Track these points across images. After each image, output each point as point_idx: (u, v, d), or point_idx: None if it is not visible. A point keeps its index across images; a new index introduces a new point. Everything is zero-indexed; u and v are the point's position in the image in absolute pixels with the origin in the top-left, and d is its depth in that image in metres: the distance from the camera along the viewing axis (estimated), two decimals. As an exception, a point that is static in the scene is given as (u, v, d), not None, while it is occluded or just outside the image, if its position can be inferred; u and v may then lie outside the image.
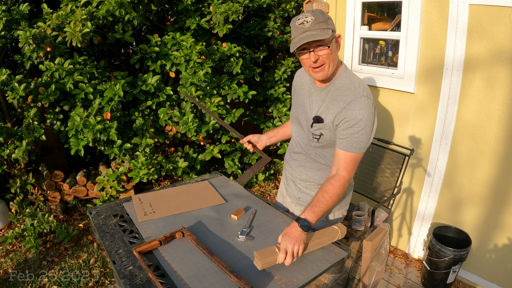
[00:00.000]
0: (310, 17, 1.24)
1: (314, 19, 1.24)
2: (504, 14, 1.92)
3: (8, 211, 2.97)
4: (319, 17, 1.24)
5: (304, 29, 1.24)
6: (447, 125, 2.28)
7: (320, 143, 1.42)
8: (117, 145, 2.61)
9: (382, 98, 2.66)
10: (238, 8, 2.78)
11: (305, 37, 1.23)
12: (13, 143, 2.55)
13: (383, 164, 2.50)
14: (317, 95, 1.41)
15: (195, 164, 2.98)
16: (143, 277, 1.12)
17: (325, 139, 1.41)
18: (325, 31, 1.23)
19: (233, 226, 1.41)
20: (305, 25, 1.24)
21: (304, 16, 1.25)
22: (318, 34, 1.22)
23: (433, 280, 2.30)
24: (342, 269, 1.26)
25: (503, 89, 2.00)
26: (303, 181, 1.55)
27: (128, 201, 1.61)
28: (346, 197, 1.61)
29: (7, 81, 2.37)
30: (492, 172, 2.15)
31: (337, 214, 1.60)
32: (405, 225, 2.72)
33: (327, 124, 1.37)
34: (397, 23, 2.49)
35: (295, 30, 1.27)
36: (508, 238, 2.15)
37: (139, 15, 2.59)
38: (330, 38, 1.25)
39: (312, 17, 1.24)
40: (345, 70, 1.39)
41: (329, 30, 1.24)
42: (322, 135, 1.40)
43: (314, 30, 1.23)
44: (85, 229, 2.99)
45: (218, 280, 1.11)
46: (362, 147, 1.34)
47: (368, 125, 1.32)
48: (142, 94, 2.74)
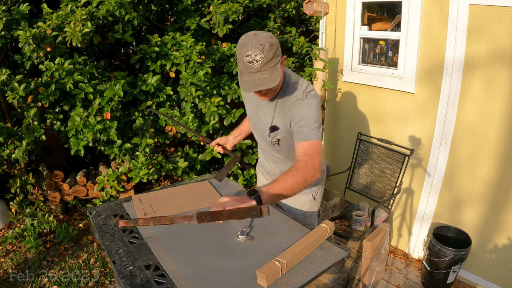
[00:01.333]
0: (259, 54, 1.22)
1: (264, 57, 1.22)
2: (504, 14, 1.92)
3: (8, 211, 2.97)
4: (268, 53, 1.23)
5: (253, 69, 1.24)
6: (447, 125, 2.28)
7: (281, 145, 1.54)
8: (117, 145, 2.61)
9: (382, 98, 2.66)
10: (238, 8, 2.78)
11: (255, 83, 1.24)
12: (13, 143, 2.55)
13: (383, 164, 2.50)
14: (267, 106, 1.48)
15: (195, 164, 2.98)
16: (143, 277, 1.12)
17: (284, 142, 1.52)
18: (274, 71, 1.25)
19: (233, 226, 1.41)
20: (255, 65, 1.23)
21: (253, 52, 1.22)
22: (268, 80, 1.24)
23: (433, 280, 2.30)
24: (342, 269, 1.26)
25: (503, 89, 2.01)
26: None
27: (128, 201, 1.61)
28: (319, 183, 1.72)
29: (7, 81, 2.37)
30: (492, 172, 2.15)
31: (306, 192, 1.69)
32: (405, 225, 2.72)
33: (281, 130, 1.47)
34: (397, 23, 2.49)
35: (243, 66, 1.25)
36: (508, 238, 2.15)
37: (139, 15, 2.58)
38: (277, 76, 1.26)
39: (261, 54, 1.22)
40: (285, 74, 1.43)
41: (278, 65, 1.26)
42: (280, 140, 1.51)
43: (264, 72, 1.24)
44: (85, 229, 2.99)
45: (218, 280, 1.11)
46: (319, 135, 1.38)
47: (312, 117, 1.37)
48: (142, 94, 2.74)
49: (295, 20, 3.69)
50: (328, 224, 1.36)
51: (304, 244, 1.24)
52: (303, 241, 1.26)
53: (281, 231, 1.39)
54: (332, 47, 2.93)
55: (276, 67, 1.26)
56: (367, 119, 2.81)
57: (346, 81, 2.89)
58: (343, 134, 3.06)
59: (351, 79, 2.83)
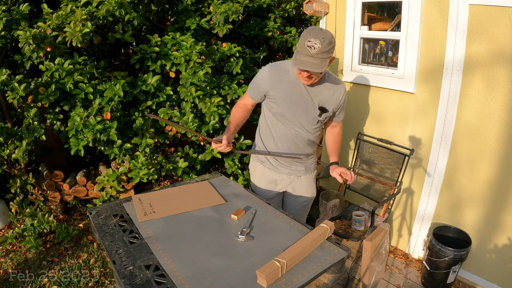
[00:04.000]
0: (318, 44, 1.45)
1: (321, 47, 1.45)
2: (504, 14, 1.92)
3: (8, 211, 2.97)
4: (325, 47, 1.46)
5: (309, 53, 1.46)
6: (447, 125, 2.28)
7: (320, 124, 1.84)
8: (117, 145, 2.61)
9: (382, 98, 2.66)
10: (238, 8, 2.78)
11: (307, 64, 1.48)
12: (13, 143, 2.55)
13: (383, 164, 2.50)
14: (314, 91, 1.72)
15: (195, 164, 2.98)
16: (143, 277, 1.12)
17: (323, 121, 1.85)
18: (324, 62, 1.48)
19: (233, 226, 1.41)
20: (311, 50, 1.46)
21: (315, 41, 1.45)
22: (316, 65, 1.47)
23: (433, 280, 2.30)
24: (342, 269, 1.26)
25: (503, 89, 2.01)
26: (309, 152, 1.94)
27: (128, 201, 1.61)
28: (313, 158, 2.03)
29: (7, 81, 2.37)
30: (492, 172, 2.15)
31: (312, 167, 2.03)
32: (405, 225, 2.72)
33: (329, 112, 1.78)
34: (397, 23, 2.49)
35: (302, 48, 1.48)
36: (508, 238, 2.15)
37: (139, 15, 2.58)
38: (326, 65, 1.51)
39: (320, 45, 1.45)
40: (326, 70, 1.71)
41: (328, 60, 1.50)
42: (325, 119, 1.81)
43: (316, 59, 1.47)
44: (85, 229, 2.99)
45: (218, 280, 1.11)
46: None
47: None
48: (142, 94, 2.74)
49: (295, 20, 3.69)
50: (328, 224, 1.36)
51: (304, 244, 1.24)
52: (303, 241, 1.26)
53: (281, 231, 1.39)
54: (332, 47, 2.93)
55: (326, 60, 1.49)
56: (367, 119, 2.81)
57: (346, 81, 2.89)
58: (343, 134, 3.05)
59: (351, 79, 2.83)
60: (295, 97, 1.73)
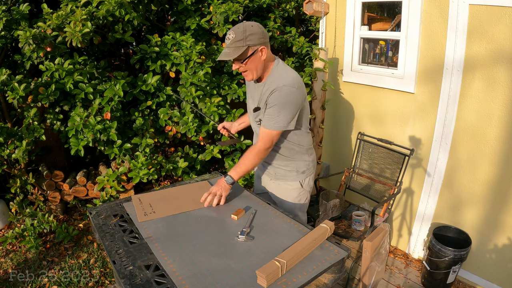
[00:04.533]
0: (232, 34, 1.51)
1: (234, 37, 1.51)
2: (504, 14, 1.92)
3: (8, 211, 2.97)
4: (239, 35, 1.50)
5: (226, 45, 1.54)
6: (447, 125, 2.28)
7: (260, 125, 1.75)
8: (117, 145, 2.61)
9: (382, 98, 2.66)
10: (238, 8, 2.78)
11: (222, 54, 1.54)
12: (13, 143, 2.55)
13: (383, 164, 2.50)
14: (257, 89, 1.71)
15: (195, 164, 2.98)
16: (143, 277, 1.12)
17: None
18: (238, 49, 1.50)
19: (233, 226, 1.41)
20: (227, 41, 1.53)
21: (229, 33, 1.53)
22: (229, 54, 1.51)
23: (433, 280, 2.30)
24: (342, 269, 1.26)
25: (503, 89, 2.01)
26: (273, 160, 1.83)
27: (128, 201, 1.61)
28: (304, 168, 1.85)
29: (7, 81, 2.37)
30: (492, 172, 2.15)
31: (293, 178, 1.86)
32: (405, 225, 2.72)
33: (262, 110, 1.68)
34: (397, 23, 2.49)
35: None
36: (508, 238, 2.15)
37: (139, 15, 2.59)
38: (243, 53, 1.52)
39: (233, 35, 1.51)
40: (277, 65, 1.65)
41: (244, 47, 1.50)
42: (261, 120, 1.70)
43: (229, 48, 1.52)
44: (85, 229, 2.99)
45: (218, 280, 1.11)
46: (277, 126, 1.61)
47: (284, 108, 1.59)
48: (142, 94, 2.74)
49: (295, 20, 3.69)
50: (328, 224, 1.36)
51: (304, 244, 1.24)
52: (303, 241, 1.26)
53: (281, 231, 1.39)
54: (332, 47, 2.93)
55: (241, 48, 1.51)
56: (367, 119, 2.81)
57: (346, 81, 2.89)
58: (343, 134, 3.05)
59: (351, 79, 2.83)
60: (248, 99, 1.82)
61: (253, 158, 1.66)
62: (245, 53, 1.53)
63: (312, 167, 1.89)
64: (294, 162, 1.80)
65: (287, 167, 1.81)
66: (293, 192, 1.84)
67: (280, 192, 1.86)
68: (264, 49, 1.57)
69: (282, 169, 1.82)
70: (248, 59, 1.55)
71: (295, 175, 1.82)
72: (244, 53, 1.52)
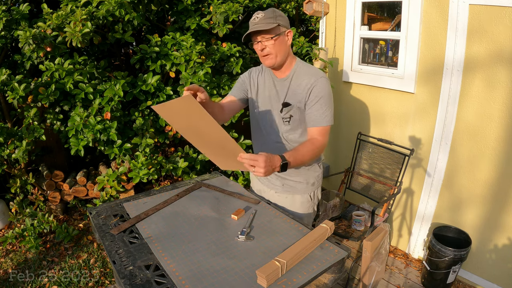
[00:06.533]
0: (260, 14, 1.47)
1: (264, 15, 1.46)
2: (504, 14, 1.92)
3: (8, 211, 2.97)
4: (269, 14, 1.47)
5: (253, 24, 1.47)
6: (447, 125, 2.28)
7: (291, 125, 1.59)
8: (117, 145, 2.61)
9: (382, 98, 2.66)
10: (238, 8, 2.78)
11: (251, 28, 1.46)
12: (13, 143, 2.55)
13: (383, 164, 2.50)
14: (281, 84, 1.59)
15: (195, 164, 2.98)
16: (143, 277, 1.12)
17: (295, 119, 1.58)
18: (269, 24, 1.44)
19: (233, 226, 1.41)
20: (255, 20, 1.47)
21: (256, 13, 1.48)
22: (261, 26, 1.44)
23: (433, 280, 2.30)
24: (342, 269, 1.26)
25: (504, 89, 2.00)
26: None
27: (128, 201, 1.61)
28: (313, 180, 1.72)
29: (7, 81, 2.37)
30: (492, 173, 2.15)
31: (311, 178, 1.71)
32: (405, 225, 2.72)
33: (294, 105, 1.55)
34: (397, 23, 2.49)
35: (249, 25, 1.50)
36: (508, 238, 2.15)
37: (139, 15, 2.58)
38: (274, 29, 1.46)
39: (262, 14, 1.47)
40: (301, 61, 1.61)
41: (275, 24, 1.45)
42: (292, 116, 1.57)
43: (260, 24, 1.45)
44: (85, 229, 2.99)
45: (218, 280, 1.11)
46: (329, 120, 1.53)
47: (329, 100, 1.53)
48: (142, 94, 2.74)
49: (295, 20, 3.69)
50: (328, 224, 1.36)
51: (304, 244, 1.24)
52: (303, 241, 1.26)
53: (281, 231, 1.39)
54: (332, 47, 2.93)
55: (272, 24, 1.45)
56: (367, 119, 2.81)
57: (346, 81, 2.89)
58: (343, 134, 3.05)
59: (351, 79, 2.83)
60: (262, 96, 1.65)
61: (311, 151, 1.46)
62: (275, 30, 1.46)
63: (321, 178, 1.77)
64: (305, 171, 1.67)
65: (298, 177, 1.67)
66: (302, 206, 1.71)
67: (288, 205, 1.70)
68: (290, 33, 1.52)
69: (291, 179, 1.68)
70: (278, 37, 1.47)
71: (305, 187, 1.68)
72: (275, 29, 1.46)
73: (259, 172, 1.25)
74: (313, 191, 1.73)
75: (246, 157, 1.26)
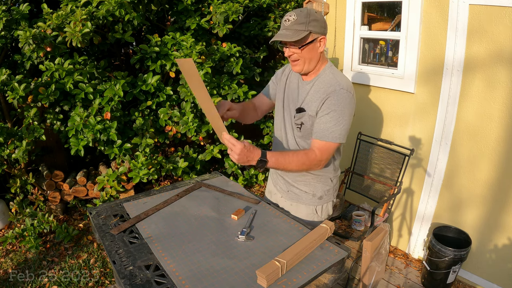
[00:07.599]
0: (293, 16, 1.35)
1: (296, 19, 1.34)
2: (504, 14, 1.92)
3: (8, 211, 2.97)
4: (301, 18, 1.34)
5: (284, 26, 1.37)
6: (447, 125, 2.28)
7: (302, 132, 1.52)
8: (117, 145, 2.61)
9: (382, 98, 2.66)
10: (238, 8, 2.78)
11: (279, 35, 1.37)
12: (13, 143, 2.55)
13: (383, 164, 2.50)
14: (303, 88, 1.52)
15: (195, 164, 2.98)
16: (143, 277, 1.12)
17: (306, 128, 1.50)
18: (298, 32, 1.34)
19: (233, 226, 1.41)
20: (286, 23, 1.36)
21: (290, 14, 1.36)
22: (288, 36, 1.34)
23: (433, 280, 2.30)
24: (342, 269, 1.26)
25: (504, 89, 2.00)
26: (290, 174, 1.62)
27: (128, 201, 1.61)
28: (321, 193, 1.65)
29: (7, 81, 2.37)
30: (492, 173, 2.15)
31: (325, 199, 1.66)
32: (405, 225, 2.72)
33: (307, 113, 1.47)
34: (397, 23, 2.49)
35: (281, 24, 1.40)
36: (508, 238, 2.15)
37: (139, 15, 2.59)
38: (301, 40, 1.35)
39: (295, 16, 1.34)
40: (330, 66, 1.50)
41: (304, 32, 1.34)
42: (303, 124, 1.49)
43: (289, 30, 1.35)
44: (85, 229, 2.99)
45: (218, 280, 1.11)
46: (335, 137, 1.42)
47: (343, 115, 1.41)
48: (142, 94, 2.74)
49: (295, 20, 3.68)
50: (328, 224, 1.36)
51: (304, 244, 1.24)
52: (303, 241, 1.26)
53: (281, 231, 1.39)
54: (332, 47, 2.93)
55: (301, 32, 1.34)
56: (367, 119, 2.81)
57: (346, 81, 2.89)
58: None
59: (351, 79, 2.83)
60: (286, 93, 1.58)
61: (300, 161, 1.38)
62: (305, 39, 1.36)
63: (332, 194, 1.66)
64: (313, 182, 1.59)
65: (304, 186, 1.60)
66: (307, 218, 1.64)
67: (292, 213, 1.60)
68: (323, 40, 1.41)
69: (297, 187, 1.62)
70: (306, 46, 1.37)
71: (310, 199, 1.61)
72: (304, 38, 1.35)
73: (233, 157, 1.29)
74: (321, 205, 1.64)
75: (227, 138, 1.30)
